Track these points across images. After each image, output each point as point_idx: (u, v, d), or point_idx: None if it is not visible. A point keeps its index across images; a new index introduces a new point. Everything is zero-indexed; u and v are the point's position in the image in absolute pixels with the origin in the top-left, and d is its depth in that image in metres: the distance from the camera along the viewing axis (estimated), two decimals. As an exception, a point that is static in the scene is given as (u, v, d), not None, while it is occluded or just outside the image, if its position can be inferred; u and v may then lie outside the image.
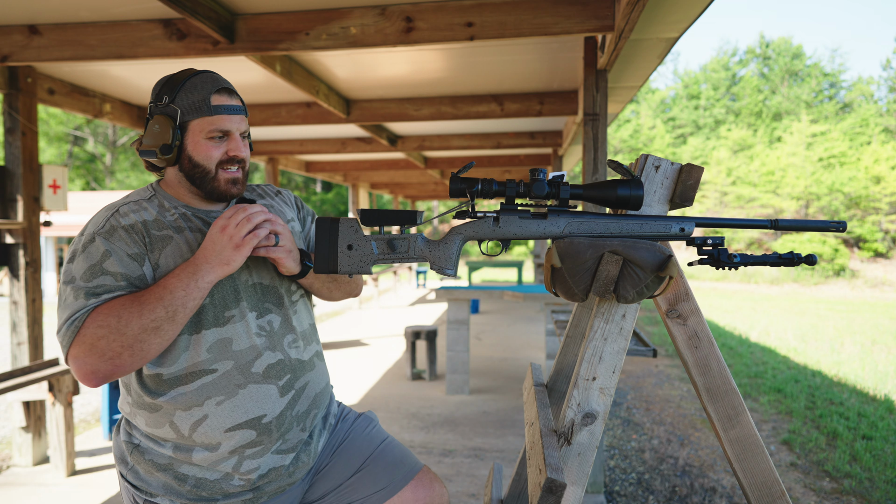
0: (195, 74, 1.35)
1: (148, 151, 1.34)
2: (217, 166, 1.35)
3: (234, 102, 1.36)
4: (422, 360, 6.24)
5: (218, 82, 1.36)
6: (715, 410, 1.29)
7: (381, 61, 4.03)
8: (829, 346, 8.83)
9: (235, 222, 1.28)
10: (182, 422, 1.31)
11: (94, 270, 1.24)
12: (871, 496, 3.44)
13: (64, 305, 1.23)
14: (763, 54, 42.09)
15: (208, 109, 1.32)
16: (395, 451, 1.60)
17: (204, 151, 1.34)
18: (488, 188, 1.30)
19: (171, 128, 1.32)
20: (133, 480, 1.36)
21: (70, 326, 1.21)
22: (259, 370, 1.36)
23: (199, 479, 1.34)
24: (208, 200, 1.40)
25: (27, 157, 3.74)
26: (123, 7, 2.99)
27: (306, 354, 1.48)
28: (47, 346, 8.18)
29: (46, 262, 15.62)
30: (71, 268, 1.27)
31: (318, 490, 1.53)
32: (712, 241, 1.28)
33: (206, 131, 1.33)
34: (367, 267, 1.37)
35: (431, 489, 1.58)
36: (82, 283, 1.24)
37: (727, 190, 28.84)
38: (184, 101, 1.33)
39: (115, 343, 1.19)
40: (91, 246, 1.26)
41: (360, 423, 1.62)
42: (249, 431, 1.34)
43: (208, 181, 1.36)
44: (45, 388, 3.54)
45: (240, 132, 1.37)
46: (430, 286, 16.61)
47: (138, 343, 1.20)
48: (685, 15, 2.80)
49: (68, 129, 24.68)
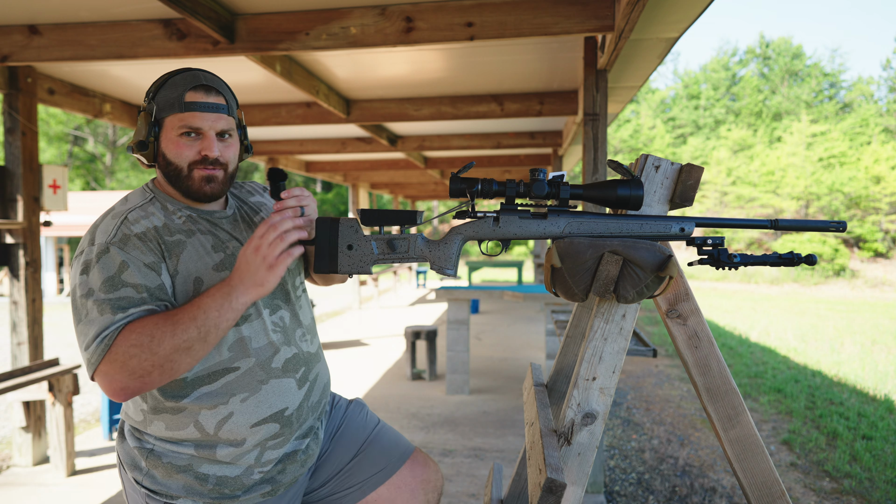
0: (181, 72, 1.34)
1: (130, 147, 1.36)
2: (191, 165, 1.32)
3: (210, 100, 1.33)
4: (422, 360, 6.24)
5: (197, 79, 1.33)
6: (715, 410, 1.29)
7: (381, 61, 4.03)
8: (829, 346, 8.83)
9: (268, 242, 1.24)
10: (207, 421, 1.32)
11: (114, 282, 1.22)
12: (871, 496, 3.44)
13: (87, 320, 1.20)
14: (763, 54, 42.09)
15: (181, 106, 1.30)
16: (389, 434, 1.66)
17: (175, 149, 1.32)
18: (488, 188, 1.30)
19: (148, 124, 1.32)
20: (150, 486, 1.34)
21: (100, 344, 1.18)
22: (279, 365, 1.38)
23: (220, 478, 1.34)
24: (188, 199, 1.38)
25: (27, 157, 3.74)
26: (123, 7, 2.99)
27: (314, 347, 1.52)
28: (47, 346, 8.19)
29: (46, 262, 15.62)
30: (87, 280, 1.23)
31: (320, 476, 1.57)
32: (712, 241, 1.28)
33: (176, 128, 1.31)
34: (367, 267, 1.37)
35: (427, 467, 1.65)
36: (104, 295, 1.21)
37: (727, 190, 28.84)
38: (161, 97, 1.32)
39: (146, 362, 1.17)
40: (106, 256, 1.23)
41: (353, 409, 1.67)
42: (273, 425, 1.37)
43: (182, 179, 1.33)
44: (45, 388, 3.54)
45: (215, 131, 1.33)
46: (430, 286, 16.61)
47: (169, 363, 1.19)
48: (685, 15, 2.81)
49: (68, 129, 24.68)
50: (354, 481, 1.57)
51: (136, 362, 1.17)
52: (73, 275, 1.26)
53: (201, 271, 1.32)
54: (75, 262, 1.28)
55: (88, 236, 1.29)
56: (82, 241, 1.30)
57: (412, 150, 7.18)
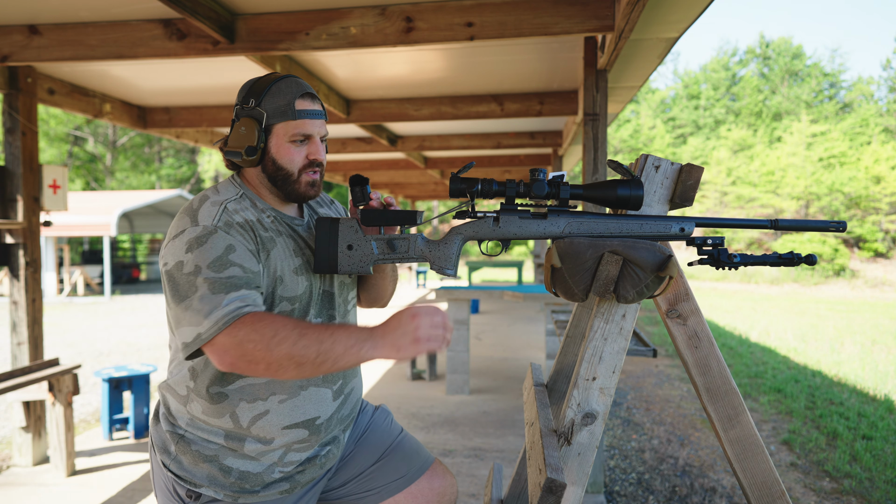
0: (281, 79, 1.39)
1: (233, 152, 1.37)
2: (300, 170, 1.38)
3: (316, 107, 1.40)
4: (422, 359, 6.24)
5: (302, 87, 1.38)
6: (715, 410, 1.29)
7: (381, 61, 4.03)
8: (829, 346, 8.83)
9: (432, 322, 1.24)
10: (244, 413, 1.35)
11: (223, 262, 1.24)
12: (871, 496, 3.44)
13: (198, 297, 1.22)
14: (763, 54, 42.09)
15: (293, 114, 1.36)
16: (410, 443, 1.70)
17: (287, 155, 1.37)
18: (488, 188, 1.31)
19: (257, 130, 1.35)
20: (176, 470, 1.38)
21: (220, 320, 1.20)
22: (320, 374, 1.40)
23: (242, 472, 1.38)
24: (286, 201, 1.43)
25: (27, 157, 3.74)
26: (123, 7, 2.99)
27: None
28: (47, 346, 8.19)
29: (46, 262, 15.61)
30: (192, 257, 1.24)
31: (340, 477, 1.60)
32: (712, 240, 1.28)
33: (289, 135, 1.36)
34: (366, 267, 1.37)
35: (444, 479, 1.68)
36: (213, 273, 1.23)
37: (727, 190, 28.84)
38: (269, 104, 1.36)
39: (259, 353, 1.19)
40: (213, 237, 1.26)
41: (379, 416, 1.71)
42: (303, 431, 1.40)
43: (290, 183, 1.39)
44: (45, 388, 3.54)
45: (320, 136, 1.41)
46: (430, 286, 16.61)
47: (277, 365, 1.20)
48: (685, 15, 2.80)
49: (68, 129, 24.68)
50: (374, 485, 1.61)
51: (251, 347, 1.19)
52: (176, 251, 1.27)
53: (284, 271, 1.36)
54: (175, 240, 1.28)
55: (187, 217, 1.30)
56: (179, 221, 1.31)
57: (412, 150, 7.18)
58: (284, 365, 1.20)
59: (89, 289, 16.81)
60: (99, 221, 14.94)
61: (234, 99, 4.17)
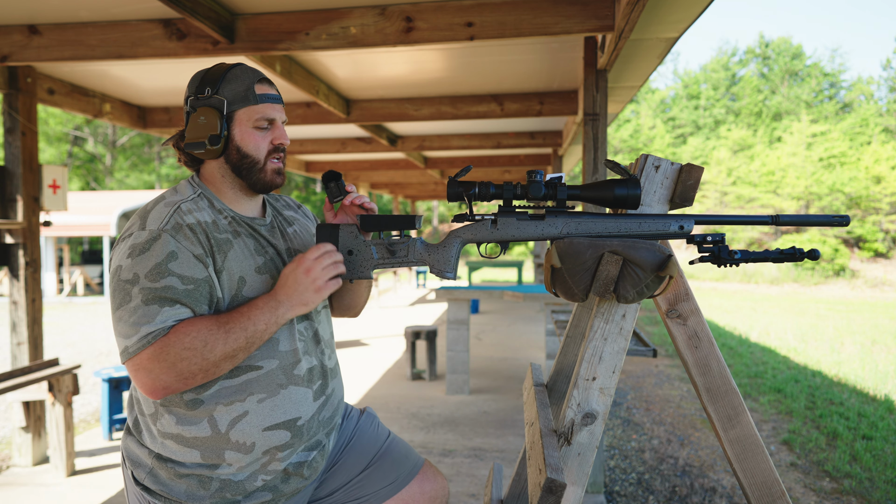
0: (234, 66, 1.37)
1: (195, 144, 1.33)
2: (265, 156, 1.36)
3: (274, 91, 1.38)
4: (422, 360, 6.24)
5: (258, 73, 1.37)
6: (715, 410, 1.29)
7: (381, 61, 4.02)
8: (829, 346, 8.83)
9: (321, 266, 1.31)
10: (222, 417, 1.30)
11: (161, 270, 1.22)
12: (871, 496, 3.44)
13: (130, 308, 1.21)
14: (763, 54, 42.08)
15: (254, 98, 1.33)
16: (399, 447, 1.66)
17: (252, 141, 1.34)
18: (486, 191, 1.30)
19: (219, 118, 1.31)
20: (152, 485, 1.33)
21: (145, 337, 1.20)
22: (301, 373, 1.39)
23: (224, 482, 1.33)
24: (249, 193, 1.40)
25: (27, 157, 3.74)
26: (123, 7, 2.99)
27: (332, 362, 1.52)
28: (47, 346, 8.19)
29: (46, 262, 15.62)
30: (131, 264, 1.22)
31: (328, 486, 1.56)
32: (712, 238, 1.28)
33: (253, 120, 1.34)
34: (367, 272, 1.37)
35: (435, 482, 1.66)
36: (149, 283, 1.21)
37: (727, 190, 28.84)
38: (228, 91, 1.33)
39: (195, 366, 1.21)
40: (156, 243, 1.23)
41: (364, 421, 1.67)
42: (285, 432, 1.36)
43: (255, 171, 1.36)
44: (44, 388, 3.54)
45: (282, 121, 1.39)
46: (430, 286, 16.61)
47: (214, 367, 1.23)
48: (685, 15, 2.80)
49: (68, 129, 24.67)
50: (363, 493, 1.57)
51: (186, 365, 1.20)
52: (118, 256, 1.26)
53: (245, 271, 1.33)
54: (121, 243, 1.27)
55: (138, 221, 1.28)
56: (130, 225, 1.29)
57: (412, 150, 7.18)
58: (221, 364, 1.23)
59: (89, 289, 16.81)
60: (99, 221, 14.95)
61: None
